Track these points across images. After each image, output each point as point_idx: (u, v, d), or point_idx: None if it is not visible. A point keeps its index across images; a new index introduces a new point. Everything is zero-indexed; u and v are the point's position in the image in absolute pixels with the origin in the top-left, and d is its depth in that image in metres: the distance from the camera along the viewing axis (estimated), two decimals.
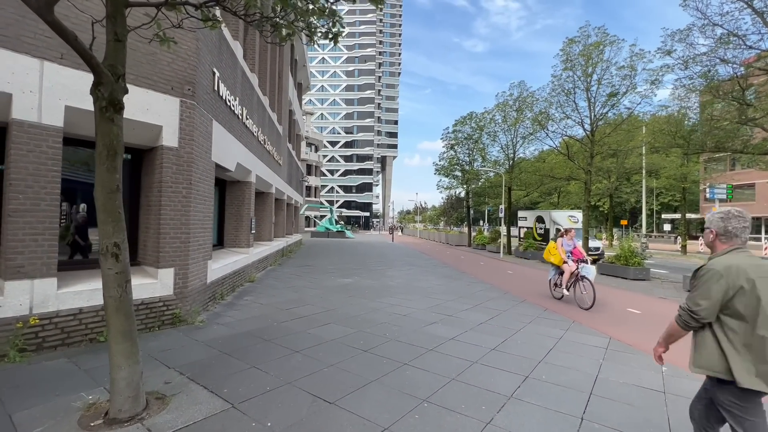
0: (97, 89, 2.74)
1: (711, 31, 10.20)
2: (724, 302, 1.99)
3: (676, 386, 3.97)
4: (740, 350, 1.96)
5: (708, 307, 2.01)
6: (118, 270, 2.86)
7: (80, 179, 5.56)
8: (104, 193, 2.78)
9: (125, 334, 2.91)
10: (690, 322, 2.11)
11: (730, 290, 1.97)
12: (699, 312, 2.04)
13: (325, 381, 3.79)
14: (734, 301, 1.97)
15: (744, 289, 1.95)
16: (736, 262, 2.01)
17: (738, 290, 1.96)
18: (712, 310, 2.01)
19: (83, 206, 5.67)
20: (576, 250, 8.56)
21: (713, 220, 2.24)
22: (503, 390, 3.73)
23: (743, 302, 1.95)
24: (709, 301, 2.00)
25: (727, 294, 1.98)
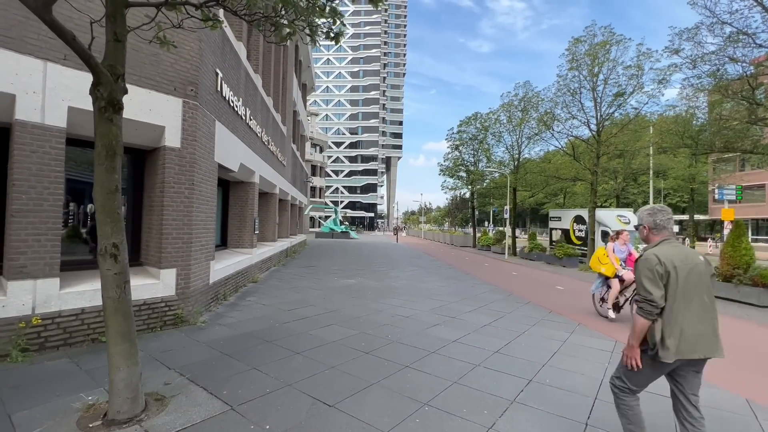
0: (96, 89, 2.73)
1: (720, 29, 10.04)
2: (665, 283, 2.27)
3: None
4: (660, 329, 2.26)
5: (660, 293, 2.26)
6: (117, 271, 2.85)
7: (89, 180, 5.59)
8: (103, 193, 2.77)
9: (124, 335, 2.90)
10: (653, 311, 2.27)
11: (668, 273, 2.26)
12: (655, 299, 2.25)
13: (325, 383, 3.76)
14: (668, 284, 2.27)
15: (672, 273, 2.26)
16: (668, 251, 2.33)
17: (670, 273, 2.26)
18: (662, 294, 2.26)
19: (91, 207, 5.70)
20: (632, 257, 7.15)
21: (643, 216, 2.55)
22: (506, 394, 3.67)
23: (673, 283, 2.26)
24: (657, 288, 2.26)
25: (664, 276, 2.27)
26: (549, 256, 18.53)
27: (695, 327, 2.25)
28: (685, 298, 2.26)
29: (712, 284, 2.39)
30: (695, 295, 2.27)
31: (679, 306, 2.25)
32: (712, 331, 2.30)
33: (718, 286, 9.63)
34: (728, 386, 4.07)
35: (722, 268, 9.74)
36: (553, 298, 9.14)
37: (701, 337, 2.26)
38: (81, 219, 5.68)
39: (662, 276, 2.26)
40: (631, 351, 2.38)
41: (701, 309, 2.28)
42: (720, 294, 9.56)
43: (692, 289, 2.27)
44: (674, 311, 2.26)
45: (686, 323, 2.25)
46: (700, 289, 2.29)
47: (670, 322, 2.26)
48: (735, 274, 9.34)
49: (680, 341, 2.23)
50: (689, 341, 2.24)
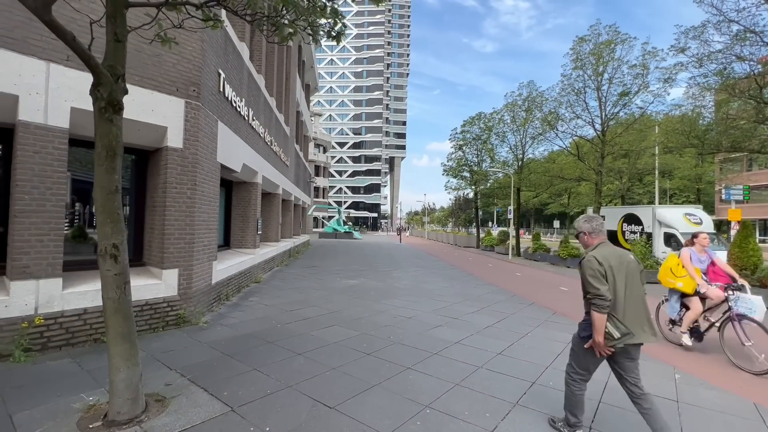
0: (96, 90, 2.73)
1: (727, 27, 9.93)
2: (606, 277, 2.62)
3: (690, 395, 3.83)
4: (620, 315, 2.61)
5: (606, 288, 2.59)
6: (117, 271, 2.84)
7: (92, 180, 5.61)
8: (103, 194, 2.77)
9: (124, 335, 2.89)
10: (604, 304, 2.57)
11: (607, 271, 2.62)
12: (603, 294, 2.57)
13: (326, 385, 3.74)
14: (607, 276, 2.63)
15: (609, 270, 2.63)
16: (605, 252, 2.71)
17: (607, 273, 2.62)
18: (608, 288, 2.59)
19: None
20: (717, 267, 5.37)
21: (581, 224, 2.93)
22: (508, 396, 3.63)
23: (610, 280, 2.61)
24: (603, 284, 2.59)
25: (604, 275, 2.62)
26: (553, 257, 18.39)
27: (633, 315, 2.62)
28: (621, 292, 2.62)
29: (642, 279, 2.74)
30: (629, 289, 2.63)
31: (617, 298, 2.61)
32: (646, 321, 2.65)
33: None
34: (735, 390, 4.00)
35: None
36: (557, 299, 9.06)
37: (635, 325, 2.60)
38: (86, 219, 5.71)
39: (603, 274, 2.62)
40: (598, 345, 2.65)
41: (635, 301, 2.64)
42: None
43: (627, 284, 2.63)
44: (621, 302, 2.62)
45: (623, 313, 2.60)
46: (633, 284, 2.66)
47: (620, 312, 2.61)
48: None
49: (618, 328, 2.59)
50: (628, 328, 2.59)
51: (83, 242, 5.66)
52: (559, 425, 2.99)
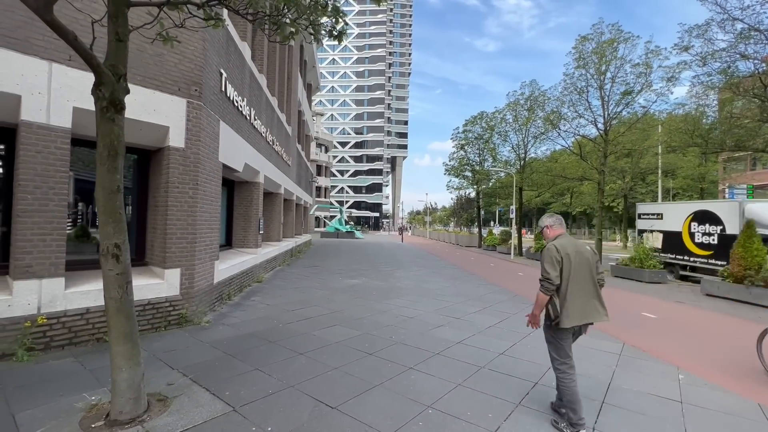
0: (98, 89, 2.73)
1: (731, 25, 9.85)
2: (561, 266, 2.97)
3: (694, 396, 3.80)
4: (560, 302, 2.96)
5: (555, 274, 2.95)
6: (119, 271, 2.84)
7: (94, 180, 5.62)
8: (105, 194, 2.76)
9: (126, 335, 2.89)
10: (550, 287, 2.97)
11: (562, 259, 2.97)
12: (552, 278, 2.95)
13: (327, 385, 3.73)
14: (562, 267, 2.97)
15: (566, 258, 2.98)
16: (563, 242, 3.08)
17: (564, 258, 2.98)
18: (557, 275, 2.95)
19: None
20: None
21: (545, 220, 3.34)
22: (511, 397, 3.62)
23: (565, 266, 2.97)
24: (554, 270, 2.96)
25: (560, 262, 2.97)
26: None
27: (584, 299, 2.97)
28: (576, 277, 2.98)
29: (596, 268, 3.11)
30: (583, 275, 3.00)
31: (573, 283, 2.96)
32: (597, 303, 3.04)
33: (729, 288, 9.48)
34: (740, 391, 3.97)
35: (733, 269, 9.57)
36: None
37: (589, 307, 2.99)
38: (88, 219, 5.72)
39: (559, 261, 2.98)
40: (534, 319, 3.16)
41: (588, 285, 3.01)
42: (730, 295, 9.40)
43: (581, 271, 3.00)
44: (570, 288, 2.96)
45: (578, 296, 2.96)
46: (587, 271, 3.02)
47: (567, 296, 2.95)
48: (746, 275, 9.17)
49: (575, 310, 2.93)
50: (581, 310, 2.95)
51: (85, 242, 5.67)
52: (562, 426, 3.00)
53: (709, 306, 8.71)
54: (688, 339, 5.97)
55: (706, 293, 10.19)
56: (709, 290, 10.16)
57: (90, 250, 5.66)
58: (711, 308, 8.46)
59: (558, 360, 3.06)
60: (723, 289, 9.73)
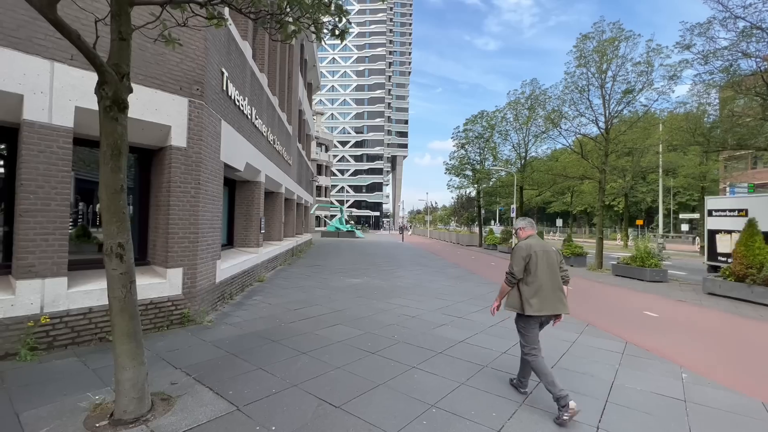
0: (101, 88, 2.72)
1: (733, 23, 9.82)
2: (526, 266, 3.38)
3: (697, 395, 3.80)
4: (527, 294, 3.37)
5: (519, 269, 3.40)
6: (123, 270, 2.84)
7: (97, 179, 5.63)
8: (108, 193, 2.76)
9: (130, 334, 2.89)
10: (512, 280, 3.45)
11: (528, 256, 3.39)
12: (515, 273, 3.41)
13: (331, 384, 3.73)
14: (529, 263, 3.38)
15: (533, 256, 3.39)
16: (531, 242, 3.49)
17: (530, 256, 3.38)
18: (520, 270, 3.40)
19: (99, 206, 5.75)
20: None
21: (518, 223, 3.77)
22: (515, 396, 3.61)
23: (533, 263, 3.38)
24: (519, 266, 3.39)
25: (526, 259, 3.39)
26: None
27: (548, 292, 3.36)
28: (541, 273, 3.37)
29: (560, 266, 3.52)
30: (548, 271, 3.39)
31: (539, 278, 3.36)
32: (560, 296, 3.43)
33: (731, 286, 9.47)
34: (743, 389, 3.97)
35: (735, 267, 9.56)
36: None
37: (552, 300, 3.37)
38: (89, 219, 5.72)
39: (525, 258, 3.38)
40: (494, 305, 3.70)
41: (552, 280, 3.40)
42: (732, 294, 9.39)
43: (546, 267, 3.39)
44: (536, 281, 3.36)
45: (542, 289, 3.36)
46: (551, 267, 3.42)
47: (533, 289, 3.36)
48: (748, 273, 9.15)
49: (540, 301, 3.34)
50: (545, 302, 3.35)
51: (88, 241, 5.67)
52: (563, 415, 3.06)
53: (711, 305, 8.71)
54: (690, 338, 5.96)
55: (708, 292, 10.18)
56: (710, 289, 10.15)
57: (92, 249, 5.66)
58: (713, 307, 8.46)
59: (527, 347, 3.46)
60: (725, 288, 9.72)
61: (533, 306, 3.33)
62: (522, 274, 3.39)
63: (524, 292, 3.39)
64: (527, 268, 3.39)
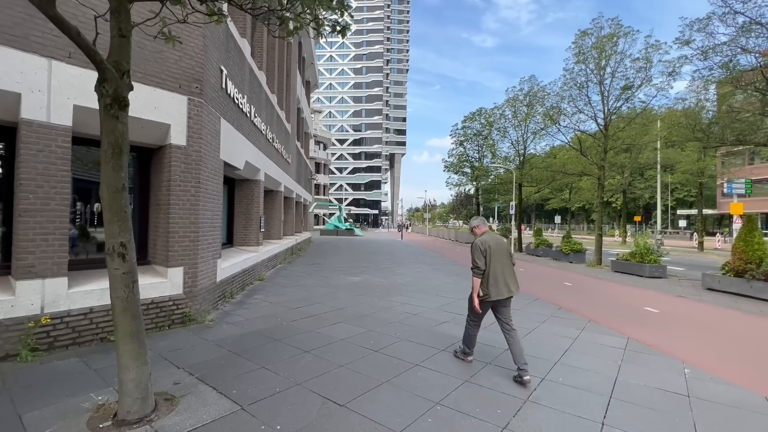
0: (102, 86, 2.69)
1: (732, 19, 9.80)
2: (485, 257, 3.91)
3: (700, 389, 3.80)
4: (486, 283, 3.92)
5: (482, 262, 3.92)
6: (125, 270, 2.81)
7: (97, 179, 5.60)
8: (110, 192, 2.73)
9: (132, 334, 2.87)
10: (478, 272, 3.94)
11: (485, 251, 3.92)
12: (480, 266, 3.92)
13: (335, 382, 3.72)
14: (486, 256, 3.91)
15: (488, 250, 3.93)
16: (485, 238, 4.03)
17: (486, 250, 3.92)
18: (483, 262, 3.91)
19: (98, 206, 5.71)
20: None
21: (473, 222, 4.32)
22: (519, 393, 3.61)
23: (488, 256, 3.91)
24: (481, 260, 3.91)
25: (484, 253, 3.92)
26: (556, 252, 18.34)
27: (502, 279, 3.92)
28: (496, 262, 3.93)
29: (511, 255, 4.11)
30: (501, 262, 3.96)
31: (493, 268, 3.92)
32: (512, 281, 3.99)
33: (730, 282, 9.50)
34: (745, 384, 3.98)
35: (734, 263, 9.58)
36: (561, 294, 9.04)
37: (506, 285, 3.93)
38: (88, 219, 5.68)
39: (484, 252, 3.92)
40: (474, 301, 4.00)
41: (505, 269, 3.97)
42: (731, 289, 9.43)
43: (499, 257, 3.96)
44: (491, 272, 3.92)
45: (497, 278, 3.91)
46: (503, 259, 3.99)
47: (489, 279, 3.91)
48: (747, 269, 9.18)
49: (495, 289, 3.90)
50: (499, 288, 3.91)
51: (88, 241, 5.63)
52: (459, 355, 4.43)
53: (711, 300, 8.74)
54: (691, 333, 5.98)
55: (707, 287, 10.21)
56: (710, 284, 10.18)
57: (93, 249, 5.62)
58: (712, 302, 8.49)
59: (472, 320, 4.21)
60: (724, 283, 9.75)
61: (491, 293, 3.91)
62: (485, 265, 3.92)
63: (487, 280, 3.94)
64: (486, 260, 3.94)
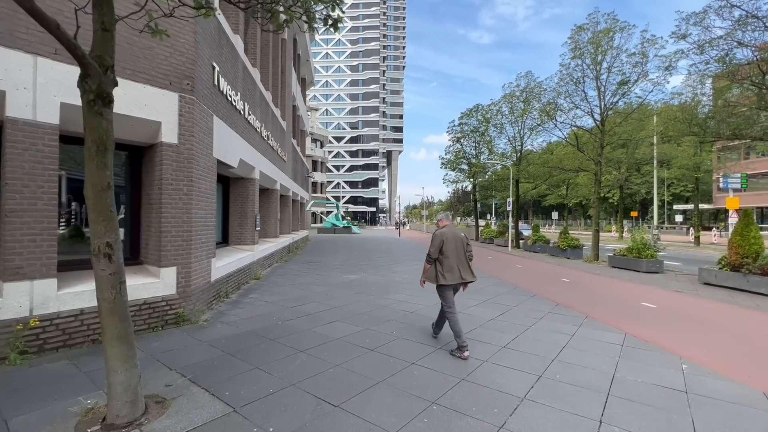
0: (84, 82, 2.60)
1: (728, 12, 9.77)
2: (440, 248, 4.50)
3: (699, 386, 3.78)
4: (442, 270, 4.50)
5: (435, 251, 4.52)
6: (112, 271, 2.74)
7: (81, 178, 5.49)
8: (95, 191, 2.65)
9: (121, 337, 2.80)
10: (430, 259, 4.61)
11: (442, 242, 4.48)
12: (431, 253, 4.55)
13: (330, 382, 3.66)
14: (443, 246, 4.49)
15: (445, 241, 4.48)
16: (445, 231, 4.57)
17: (443, 241, 4.48)
18: (436, 251, 4.51)
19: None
20: None
21: (439, 216, 4.89)
22: (516, 391, 3.57)
23: (445, 246, 4.48)
24: (436, 249, 4.51)
25: (440, 244, 4.49)
26: (553, 248, 18.36)
27: (457, 267, 4.51)
28: (451, 253, 4.50)
29: (466, 247, 4.64)
30: (457, 251, 4.54)
31: (450, 257, 4.50)
32: (465, 270, 4.55)
33: (726, 276, 9.51)
34: (744, 380, 3.96)
35: (731, 257, 9.60)
36: (558, 290, 9.02)
37: (460, 272, 4.52)
38: (79, 218, 5.58)
39: (440, 243, 4.50)
40: (421, 279, 4.84)
41: (459, 258, 4.53)
42: (728, 284, 9.44)
43: (455, 249, 4.53)
44: (448, 260, 4.49)
45: (452, 266, 4.50)
46: (459, 249, 4.55)
47: (445, 265, 4.50)
48: (744, 263, 9.19)
49: (451, 274, 4.49)
50: (455, 274, 4.49)
51: (78, 241, 5.53)
52: (455, 353, 4.47)
53: (707, 295, 8.74)
54: (689, 328, 5.97)
55: (704, 282, 10.23)
56: (706, 279, 10.20)
57: (83, 249, 5.53)
58: (709, 297, 8.49)
59: (446, 306, 4.65)
60: (720, 278, 9.77)
61: (446, 278, 4.49)
62: (437, 254, 4.54)
63: (439, 268, 4.56)
64: (441, 250, 4.53)
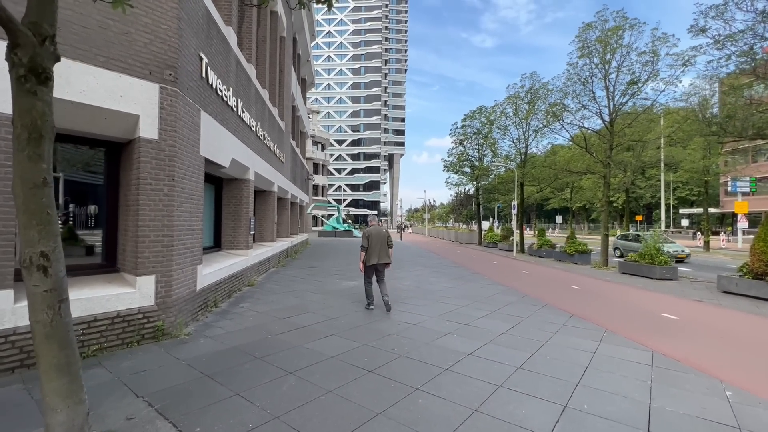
0: (13, 53, 2.11)
1: (750, 4, 9.25)
2: (368, 240, 6.77)
3: (751, 419, 3.23)
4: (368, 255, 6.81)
5: (365, 243, 6.78)
6: (48, 287, 2.23)
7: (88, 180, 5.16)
8: (26, 188, 2.14)
9: (60, 368, 2.28)
10: (362, 248, 6.80)
11: (369, 236, 6.79)
12: (363, 244, 6.79)
13: (320, 414, 3.13)
14: (369, 239, 6.78)
15: (370, 236, 6.80)
16: (371, 229, 6.92)
17: (369, 236, 6.79)
18: (366, 242, 6.78)
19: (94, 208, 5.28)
20: None
21: (370, 218, 7.72)
22: (539, 426, 3.03)
23: (370, 240, 6.79)
24: (366, 241, 6.78)
25: (368, 237, 6.78)
26: (559, 253, 17.76)
27: (379, 253, 6.77)
28: (375, 243, 6.77)
29: (387, 239, 6.86)
30: (379, 242, 6.79)
31: (374, 247, 6.76)
32: (383, 255, 6.80)
33: (749, 284, 8.93)
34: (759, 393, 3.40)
35: (753, 264, 9.03)
36: (571, 299, 8.46)
37: (378, 256, 6.76)
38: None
39: (367, 237, 6.75)
40: (360, 265, 6.94)
41: (381, 248, 6.78)
42: (750, 293, 8.88)
43: (378, 242, 6.78)
44: (372, 250, 6.75)
45: (375, 252, 6.75)
46: (381, 242, 6.80)
47: (371, 253, 6.75)
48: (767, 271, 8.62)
49: (374, 258, 6.74)
50: (375, 258, 6.74)
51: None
52: (367, 307, 6.87)
53: (730, 304, 8.17)
54: (719, 344, 5.41)
55: (723, 290, 9.65)
56: (726, 287, 9.62)
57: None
58: (733, 307, 7.92)
59: (366, 280, 6.91)
60: (742, 286, 9.19)
61: (370, 259, 6.73)
62: (367, 244, 6.72)
63: (368, 253, 6.73)
64: (368, 242, 6.72)
